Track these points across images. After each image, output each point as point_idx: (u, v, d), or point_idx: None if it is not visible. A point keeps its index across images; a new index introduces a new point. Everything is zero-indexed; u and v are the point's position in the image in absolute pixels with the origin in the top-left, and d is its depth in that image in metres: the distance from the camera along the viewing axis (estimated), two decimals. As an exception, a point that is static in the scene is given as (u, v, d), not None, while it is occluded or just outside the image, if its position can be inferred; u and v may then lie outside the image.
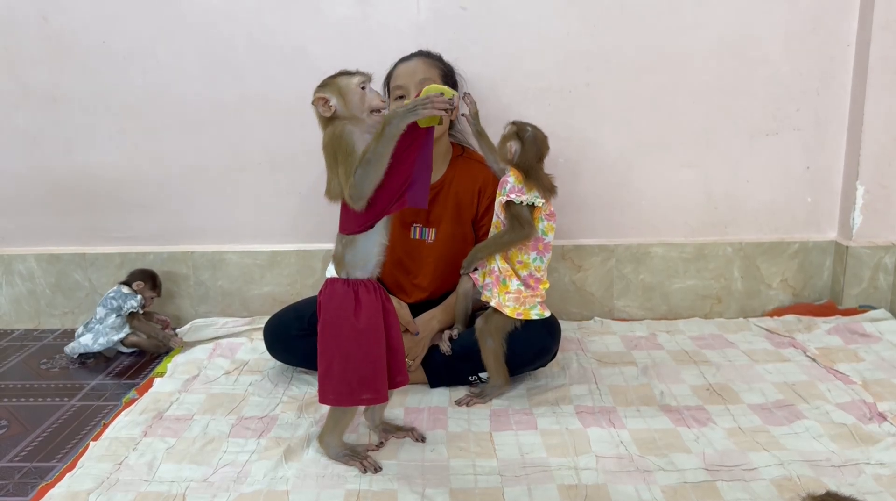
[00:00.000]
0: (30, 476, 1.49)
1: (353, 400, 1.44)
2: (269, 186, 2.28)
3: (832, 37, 2.18)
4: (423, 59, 1.93)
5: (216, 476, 1.45)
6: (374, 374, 1.42)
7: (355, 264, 1.43)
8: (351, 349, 1.41)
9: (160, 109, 2.23)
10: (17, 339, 2.29)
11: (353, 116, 1.40)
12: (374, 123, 1.39)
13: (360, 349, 1.41)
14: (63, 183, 2.30)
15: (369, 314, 1.42)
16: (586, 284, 2.33)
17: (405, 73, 1.90)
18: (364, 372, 1.41)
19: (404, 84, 1.88)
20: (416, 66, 1.90)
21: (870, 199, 2.23)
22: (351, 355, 1.41)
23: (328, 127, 1.41)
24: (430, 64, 1.92)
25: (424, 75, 1.88)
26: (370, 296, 1.43)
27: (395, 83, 1.91)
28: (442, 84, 1.90)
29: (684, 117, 2.23)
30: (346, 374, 1.41)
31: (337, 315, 1.42)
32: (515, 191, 1.67)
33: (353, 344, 1.41)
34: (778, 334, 2.14)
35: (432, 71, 1.90)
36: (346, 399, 1.44)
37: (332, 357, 1.43)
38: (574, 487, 1.39)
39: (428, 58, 1.95)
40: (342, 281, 1.44)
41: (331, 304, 1.44)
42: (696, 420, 1.63)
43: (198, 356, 2.05)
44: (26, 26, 2.18)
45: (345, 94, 1.40)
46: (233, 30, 2.17)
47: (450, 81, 1.96)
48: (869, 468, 1.43)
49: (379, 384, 1.43)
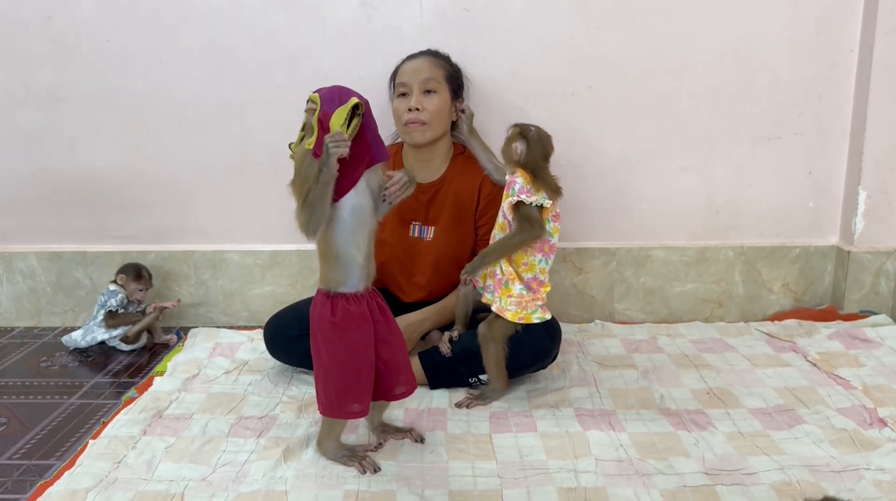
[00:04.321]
0: (28, 474, 1.49)
1: (341, 413, 1.44)
2: (270, 187, 2.28)
3: (835, 42, 2.18)
4: (429, 59, 1.92)
5: (215, 475, 1.45)
6: (359, 388, 1.42)
7: (335, 281, 1.42)
8: (329, 362, 1.41)
9: (162, 108, 2.23)
10: (17, 337, 2.29)
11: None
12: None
13: (336, 363, 1.41)
14: (65, 182, 2.30)
15: (345, 328, 1.40)
16: (587, 286, 2.33)
17: (410, 71, 1.89)
18: (344, 385, 1.41)
19: (408, 82, 1.88)
20: (421, 64, 1.90)
21: (871, 204, 2.22)
22: (330, 368, 1.41)
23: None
24: (436, 63, 1.92)
25: (429, 75, 1.88)
26: (351, 310, 1.41)
27: (400, 80, 1.91)
28: (447, 86, 1.91)
29: (686, 122, 2.23)
30: (328, 386, 1.42)
31: (317, 327, 1.43)
32: (525, 191, 1.66)
33: (329, 357, 1.41)
34: (779, 338, 2.13)
35: (437, 71, 1.90)
36: (333, 411, 1.44)
37: (317, 367, 1.45)
38: (573, 490, 1.38)
39: (435, 57, 1.94)
40: (323, 294, 1.44)
41: (312, 315, 1.45)
42: (696, 424, 1.63)
43: (198, 356, 2.05)
44: (30, 26, 2.18)
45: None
46: (236, 31, 2.17)
47: (456, 82, 1.96)
48: (869, 473, 1.42)
49: (364, 397, 1.43)
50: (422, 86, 1.87)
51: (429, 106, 1.86)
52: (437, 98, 1.88)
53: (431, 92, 1.88)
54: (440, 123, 1.90)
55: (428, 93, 1.88)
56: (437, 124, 1.89)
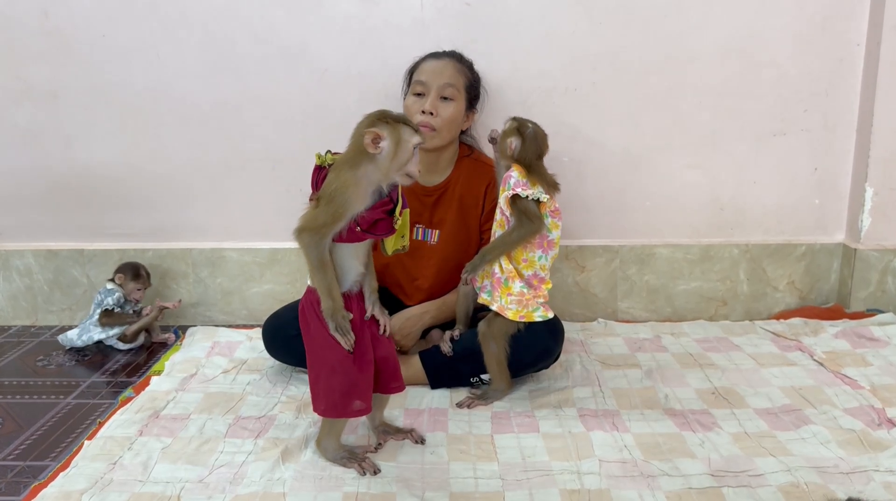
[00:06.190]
0: (23, 475, 1.47)
1: (346, 412, 1.42)
2: (269, 184, 2.26)
3: (841, 37, 2.15)
4: (453, 63, 1.88)
5: (212, 476, 1.43)
6: (362, 384, 1.41)
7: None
8: (334, 360, 1.39)
9: (160, 105, 2.21)
10: (13, 335, 2.27)
11: (387, 167, 1.33)
12: (396, 182, 1.36)
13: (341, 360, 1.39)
14: (62, 179, 2.28)
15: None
16: (590, 285, 2.31)
17: (431, 71, 1.85)
18: (349, 383, 1.39)
19: (427, 82, 1.83)
20: (444, 67, 1.85)
21: (879, 201, 2.20)
22: (335, 366, 1.39)
23: (352, 160, 1.34)
24: (459, 70, 1.87)
25: (449, 80, 1.84)
26: (350, 308, 1.41)
27: (418, 78, 1.86)
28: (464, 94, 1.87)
29: (691, 118, 2.20)
30: (332, 386, 1.40)
31: (307, 325, 1.42)
32: (521, 185, 1.64)
33: (333, 355, 1.39)
34: (784, 337, 2.11)
35: (458, 78, 1.86)
36: (338, 411, 1.42)
37: (319, 367, 1.42)
38: (577, 492, 1.36)
39: (459, 62, 1.90)
40: (311, 291, 1.41)
41: (303, 313, 1.43)
42: (702, 425, 1.60)
43: (196, 355, 2.02)
44: (26, 21, 2.16)
45: (400, 146, 1.32)
46: (234, 26, 2.15)
47: (474, 91, 1.93)
48: (878, 475, 1.39)
49: (366, 394, 1.41)
50: (440, 90, 1.83)
51: (443, 113, 1.83)
52: (452, 107, 1.84)
53: (448, 99, 1.84)
54: (451, 132, 1.87)
55: (445, 99, 1.84)
56: (448, 133, 1.86)
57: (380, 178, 1.34)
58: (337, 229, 1.33)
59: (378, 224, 1.36)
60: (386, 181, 1.35)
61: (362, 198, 1.33)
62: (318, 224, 1.31)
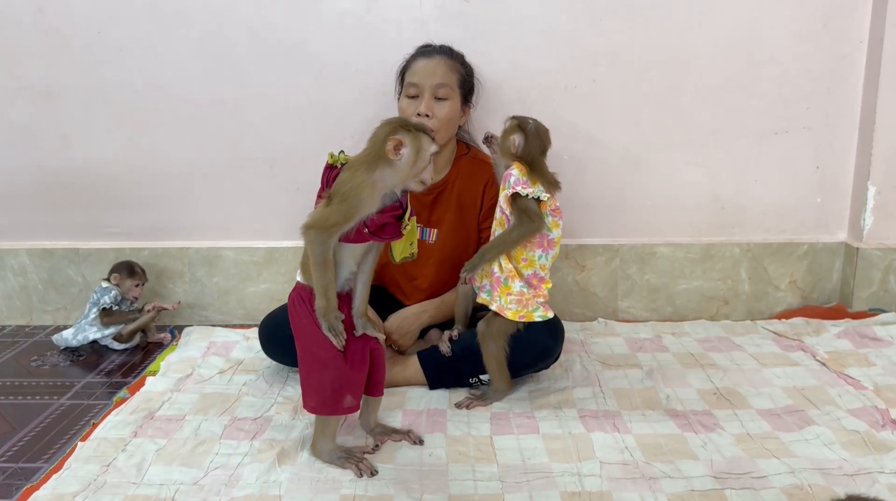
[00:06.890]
0: (15, 478, 1.44)
1: (336, 409, 1.41)
2: (267, 183, 2.24)
3: (843, 34, 2.13)
4: (444, 60, 1.85)
5: (207, 479, 1.41)
6: (354, 380, 1.40)
7: None
8: (325, 356, 1.38)
9: (157, 103, 2.19)
10: (7, 335, 2.25)
11: (405, 174, 1.34)
12: (410, 187, 1.37)
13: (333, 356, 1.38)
14: (58, 178, 2.25)
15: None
16: (590, 284, 2.29)
17: (423, 71, 1.83)
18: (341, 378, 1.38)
19: (420, 83, 1.81)
20: (435, 66, 1.83)
21: (881, 200, 2.18)
22: (327, 362, 1.38)
23: (369, 162, 1.32)
24: (451, 67, 1.85)
25: (442, 80, 1.82)
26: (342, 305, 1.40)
27: (411, 80, 1.84)
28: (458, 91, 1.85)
29: (691, 116, 2.18)
30: (323, 381, 1.39)
31: (298, 320, 1.41)
32: (521, 183, 1.62)
33: (325, 351, 1.38)
34: (786, 337, 2.09)
35: (451, 76, 1.84)
36: (328, 408, 1.41)
37: (310, 363, 1.41)
38: (577, 494, 1.34)
39: (450, 58, 1.87)
40: (301, 287, 1.41)
41: (292, 310, 1.42)
42: (703, 426, 1.59)
43: (191, 355, 2.00)
44: (22, 19, 2.14)
45: (420, 154, 1.33)
46: (232, 23, 2.12)
47: (468, 85, 1.91)
48: (883, 477, 1.38)
49: (357, 390, 1.41)
50: (434, 91, 1.81)
51: (439, 114, 1.81)
52: (447, 106, 1.83)
53: (443, 99, 1.82)
54: (448, 131, 1.86)
55: (439, 100, 1.82)
56: (445, 132, 1.84)
57: (395, 183, 1.35)
58: (346, 228, 1.32)
59: (386, 228, 1.37)
60: (400, 187, 1.36)
61: (375, 201, 1.33)
62: (329, 223, 1.31)
